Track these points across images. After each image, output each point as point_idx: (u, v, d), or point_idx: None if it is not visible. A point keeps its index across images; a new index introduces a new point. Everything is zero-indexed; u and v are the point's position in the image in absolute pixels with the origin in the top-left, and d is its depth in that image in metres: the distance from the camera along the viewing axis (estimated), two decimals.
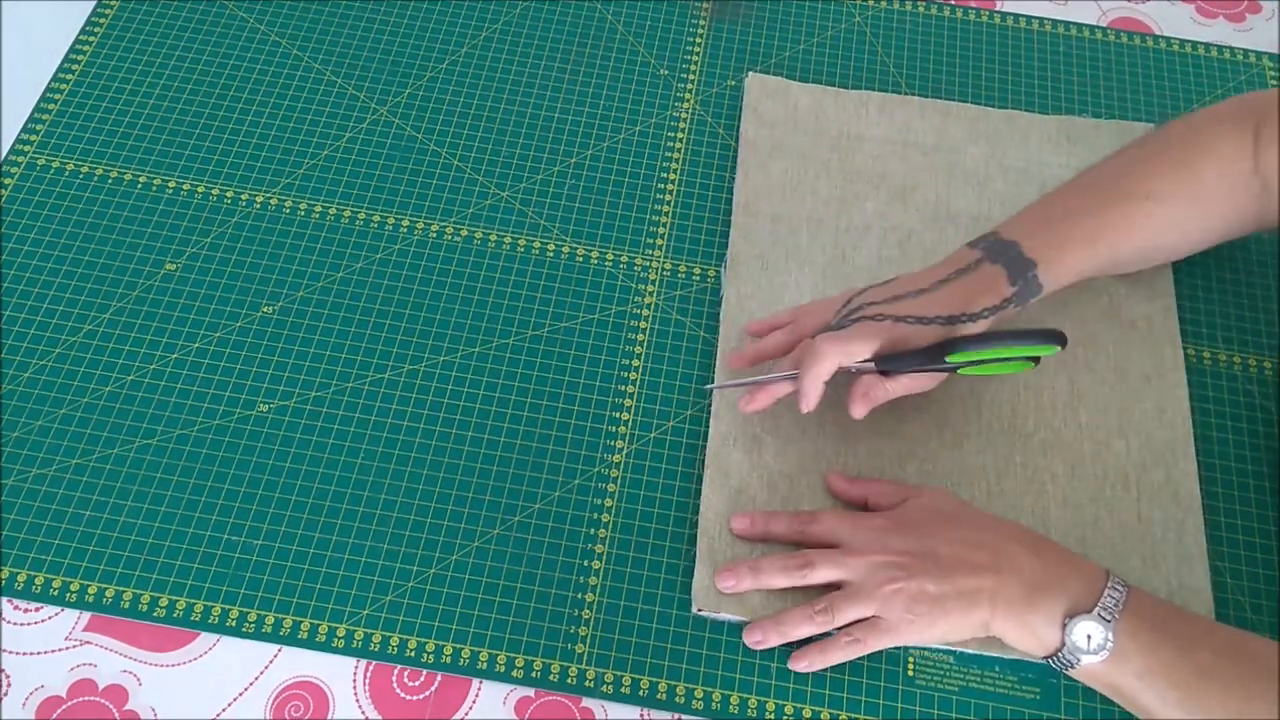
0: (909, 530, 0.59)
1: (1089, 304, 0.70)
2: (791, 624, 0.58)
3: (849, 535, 0.59)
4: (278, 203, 0.74)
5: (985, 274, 0.62)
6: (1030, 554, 0.57)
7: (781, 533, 0.61)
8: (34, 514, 0.63)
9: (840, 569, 0.58)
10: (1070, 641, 0.54)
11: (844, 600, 0.57)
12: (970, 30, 0.84)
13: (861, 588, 0.57)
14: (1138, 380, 0.68)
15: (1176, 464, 0.65)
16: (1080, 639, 0.54)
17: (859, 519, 0.60)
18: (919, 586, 0.56)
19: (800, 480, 0.64)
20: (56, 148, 0.76)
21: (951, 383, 0.66)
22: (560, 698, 0.59)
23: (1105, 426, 0.66)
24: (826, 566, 0.58)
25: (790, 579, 0.59)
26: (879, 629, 0.57)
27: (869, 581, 0.57)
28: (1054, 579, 0.56)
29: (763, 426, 0.65)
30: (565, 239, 0.73)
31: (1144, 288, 0.71)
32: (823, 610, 0.58)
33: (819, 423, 0.66)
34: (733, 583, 0.60)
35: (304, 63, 0.80)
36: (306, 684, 0.59)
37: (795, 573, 0.59)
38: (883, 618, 0.57)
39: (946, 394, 0.67)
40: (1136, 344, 0.69)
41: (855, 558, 0.58)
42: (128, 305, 0.70)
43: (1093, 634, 0.54)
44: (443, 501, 0.64)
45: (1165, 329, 0.70)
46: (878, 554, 0.58)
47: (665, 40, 0.82)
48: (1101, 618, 0.54)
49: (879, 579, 0.57)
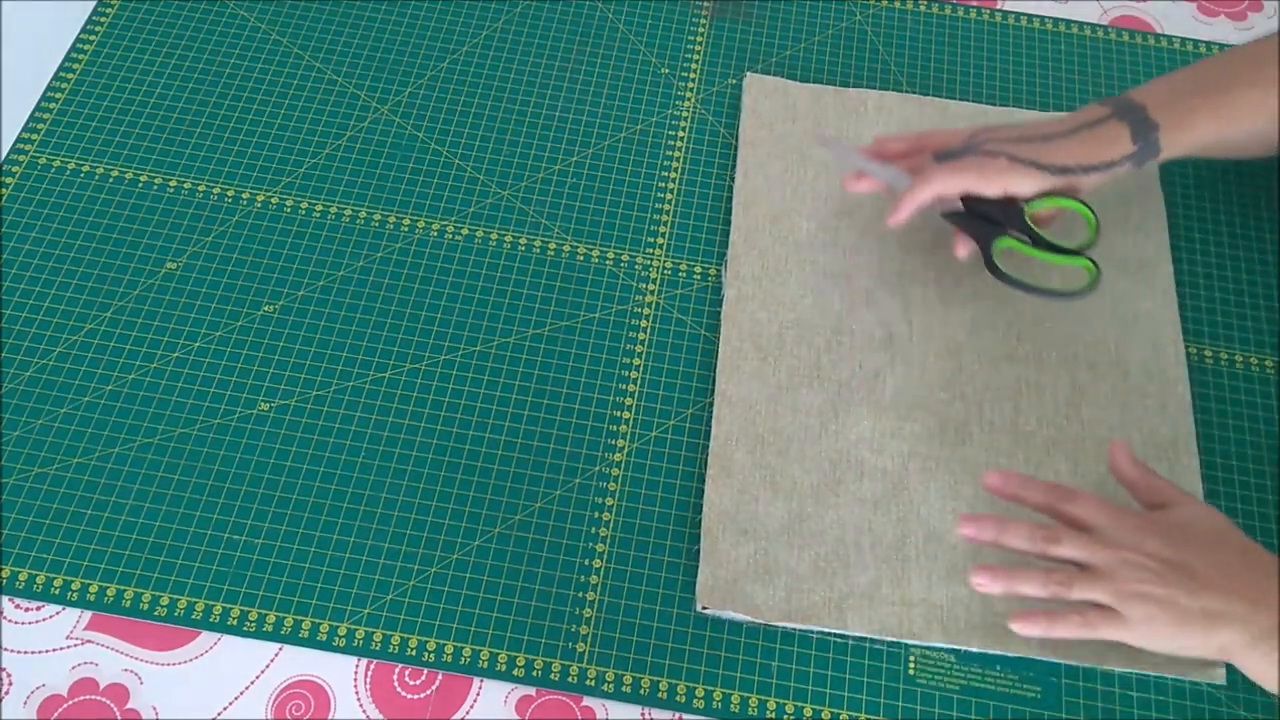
0: (1167, 536, 0.57)
1: (1091, 300, 0.70)
2: (1024, 580, 0.57)
3: (1106, 524, 0.58)
4: (279, 202, 0.74)
5: (1110, 129, 0.65)
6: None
7: (1034, 499, 0.59)
8: (35, 513, 0.63)
9: (1088, 553, 0.57)
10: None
11: (1086, 580, 0.56)
12: (971, 29, 0.84)
13: (1106, 576, 0.56)
14: (1140, 376, 0.68)
15: (1179, 459, 0.65)
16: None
17: (1120, 512, 0.58)
18: (1169, 595, 0.55)
19: (803, 479, 0.64)
20: (57, 147, 0.76)
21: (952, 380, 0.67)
22: (561, 697, 0.59)
23: (1108, 423, 0.66)
24: (1073, 546, 0.57)
25: (1033, 546, 0.57)
26: (1115, 621, 0.56)
27: (1116, 574, 0.56)
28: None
29: (766, 426, 0.65)
30: (566, 238, 0.73)
31: (1145, 283, 0.71)
32: (1061, 582, 0.56)
33: (821, 422, 0.66)
34: (974, 531, 0.58)
35: (305, 62, 0.80)
36: (307, 683, 0.59)
37: (1041, 542, 0.57)
38: (1121, 612, 0.56)
39: (948, 391, 0.67)
40: (1138, 340, 0.69)
41: (1108, 549, 0.56)
42: (128, 304, 0.70)
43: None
44: (443, 500, 0.64)
45: (1167, 324, 0.70)
46: (1131, 552, 0.56)
47: (666, 39, 0.82)
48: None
49: (1128, 575, 0.56)
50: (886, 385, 0.67)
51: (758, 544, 0.62)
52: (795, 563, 0.61)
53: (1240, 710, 0.59)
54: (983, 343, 0.69)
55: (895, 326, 0.69)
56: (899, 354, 0.68)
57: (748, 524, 0.63)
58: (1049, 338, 0.69)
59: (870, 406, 0.66)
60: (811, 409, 0.66)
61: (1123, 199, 0.74)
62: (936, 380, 0.67)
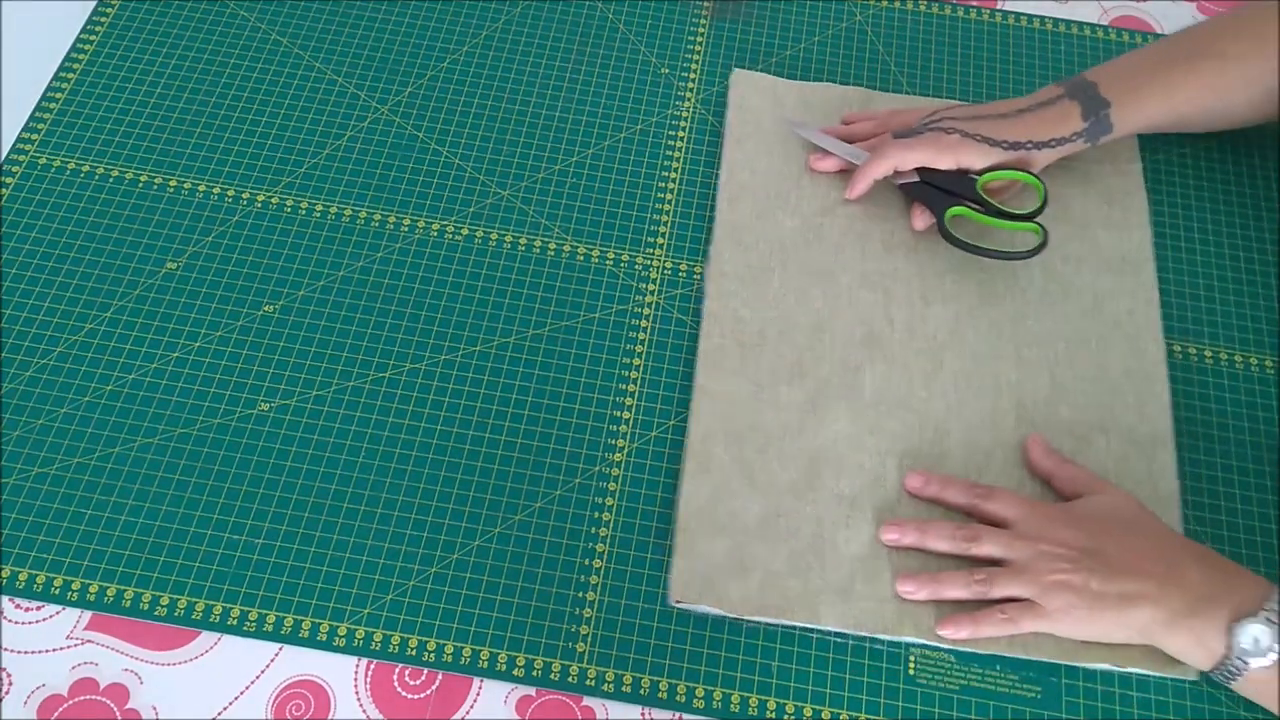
0: (1082, 526, 0.59)
1: (1073, 300, 0.70)
2: (947, 584, 0.59)
3: (1022, 519, 0.60)
4: (279, 202, 0.74)
5: (1061, 107, 0.69)
6: (1199, 566, 0.57)
7: (953, 500, 0.62)
8: (35, 513, 0.63)
9: (1007, 549, 0.59)
10: (1238, 645, 0.55)
11: (1005, 577, 0.58)
12: (971, 29, 0.84)
13: (1025, 570, 0.58)
14: (1119, 375, 0.68)
15: (1156, 458, 0.65)
16: (1247, 642, 0.54)
17: (1035, 506, 0.61)
18: (1083, 582, 0.57)
19: (781, 475, 0.64)
20: (57, 147, 0.76)
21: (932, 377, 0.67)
22: (561, 696, 0.59)
23: (1086, 422, 0.66)
24: (993, 543, 0.60)
25: (954, 546, 0.60)
26: (1035, 613, 0.58)
27: (1033, 566, 0.58)
28: (1220, 589, 0.56)
29: (745, 423, 0.65)
30: (566, 238, 0.73)
31: (1127, 282, 0.71)
32: (982, 580, 0.59)
33: (800, 418, 0.66)
34: (897, 536, 0.61)
35: (305, 62, 0.80)
36: (307, 683, 0.59)
37: (961, 542, 0.60)
38: (1040, 604, 0.58)
39: (928, 389, 0.67)
40: (1119, 340, 0.69)
41: (1024, 542, 0.59)
42: (129, 304, 0.70)
43: (1260, 637, 0.54)
44: (443, 500, 0.64)
45: (1148, 325, 0.70)
46: (1047, 543, 0.59)
47: (666, 39, 0.82)
48: (1269, 620, 0.54)
49: (1044, 567, 0.58)
50: (867, 383, 0.67)
51: (734, 539, 0.62)
52: (770, 558, 0.61)
53: (1240, 710, 0.59)
54: (963, 341, 0.69)
55: (876, 324, 0.69)
56: (880, 352, 0.68)
57: (724, 520, 0.63)
58: (1030, 336, 0.69)
59: (850, 404, 0.66)
60: (791, 406, 0.66)
61: (1106, 198, 0.74)
62: (917, 378, 0.67)
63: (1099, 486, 0.62)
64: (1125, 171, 0.75)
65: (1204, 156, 0.78)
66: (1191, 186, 0.77)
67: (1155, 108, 0.69)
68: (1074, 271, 0.71)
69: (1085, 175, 0.75)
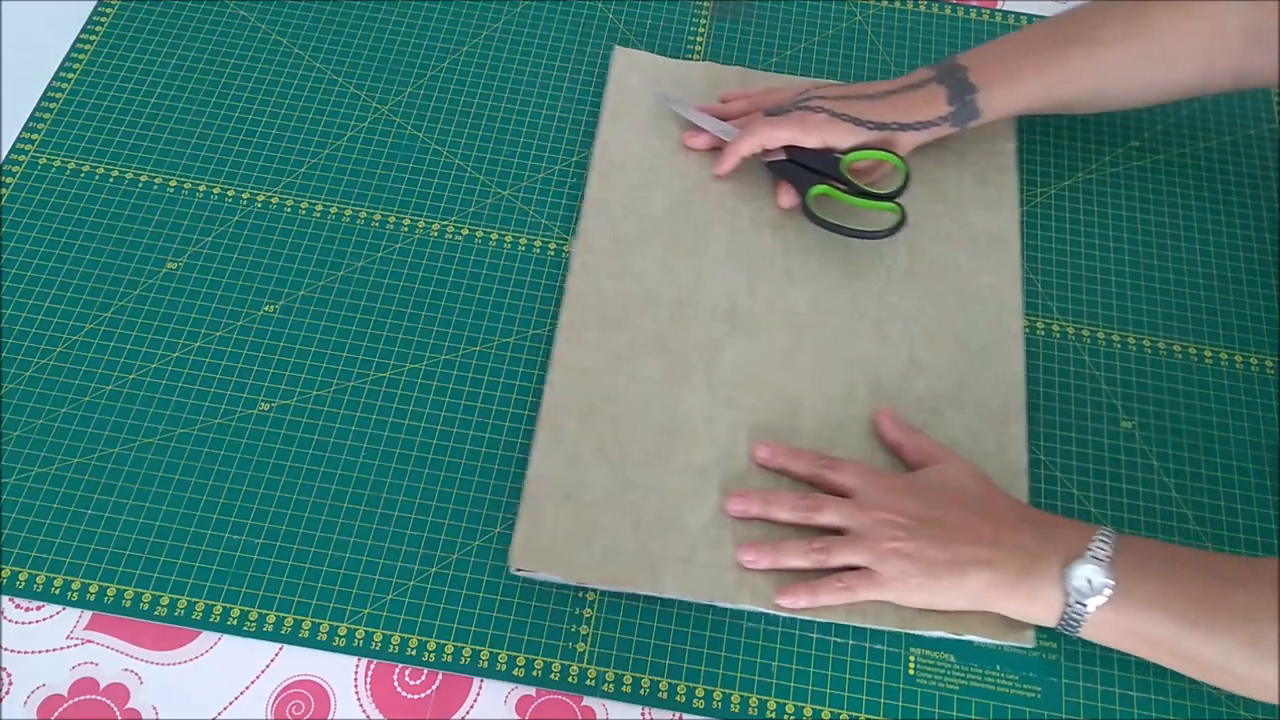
0: (921, 495, 0.60)
1: (939, 277, 0.71)
2: (787, 553, 0.60)
3: (864, 489, 0.61)
4: (279, 201, 0.74)
5: (929, 91, 0.70)
6: (1030, 528, 0.58)
7: (799, 471, 0.63)
8: (35, 513, 0.63)
9: (847, 519, 0.60)
10: (1073, 588, 0.55)
11: (842, 545, 0.59)
12: (972, 29, 0.84)
13: (862, 538, 0.59)
14: (977, 350, 0.68)
15: (1007, 429, 0.66)
16: (1081, 583, 0.55)
17: (878, 475, 0.62)
18: (917, 549, 0.58)
19: (632, 447, 0.64)
20: (57, 147, 0.76)
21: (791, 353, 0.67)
22: (561, 696, 0.59)
23: (940, 395, 0.67)
24: (834, 512, 0.60)
25: (797, 516, 0.61)
26: (871, 581, 0.59)
27: (871, 534, 0.59)
28: (1048, 544, 0.57)
29: (600, 395, 0.66)
30: (567, 238, 0.73)
31: (992, 259, 0.72)
32: (819, 549, 0.59)
33: (657, 391, 0.66)
34: (743, 506, 0.62)
35: (305, 62, 0.80)
36: (307, 683, 0.59)
37: (804, 512, 0.61)
38: (877, 572, 0.59)
39: (785, 364, 0.67)
40: (980, 316, 0.70)
41: (864, 511, 0.60)
42: (129, 304, 0.70)
43: (1091, 576, 0.55)
44: (443, 500, 0.64)
45: (1010, 301, 0.70)
46: (886, 511, 0.59)
47: (666, 40, 0.82)
48: (1095, 558, 0.56)
49: (881, 534, 0.59)
50: (726, 357, 0.67)
51: (581, 509, 0.62)
52: (617, 528, 0.62)
53: (1240, 710, 0.59)
54: (824, 317, 0.69)
55: (739, 299, 0.69)
56: (740, 326, 0.68)
57: (572, 490, 0.63)
58: (892, 312, 0.70)
59: (708, 377, 0.67)
60: (649, 379, 0.66)
61: (979, 179, 0.75)
62: (775, 353, 0.68)
63: (944, 457, 0.63)
64: (999, 152, 0.76)
65: (1204, 156, 0.78)
66: (1191, 186, 0.77)
67: (1030, 91, 0.70)
68: (942, 250, 0.72)
69: (960, 155, 0.75)
